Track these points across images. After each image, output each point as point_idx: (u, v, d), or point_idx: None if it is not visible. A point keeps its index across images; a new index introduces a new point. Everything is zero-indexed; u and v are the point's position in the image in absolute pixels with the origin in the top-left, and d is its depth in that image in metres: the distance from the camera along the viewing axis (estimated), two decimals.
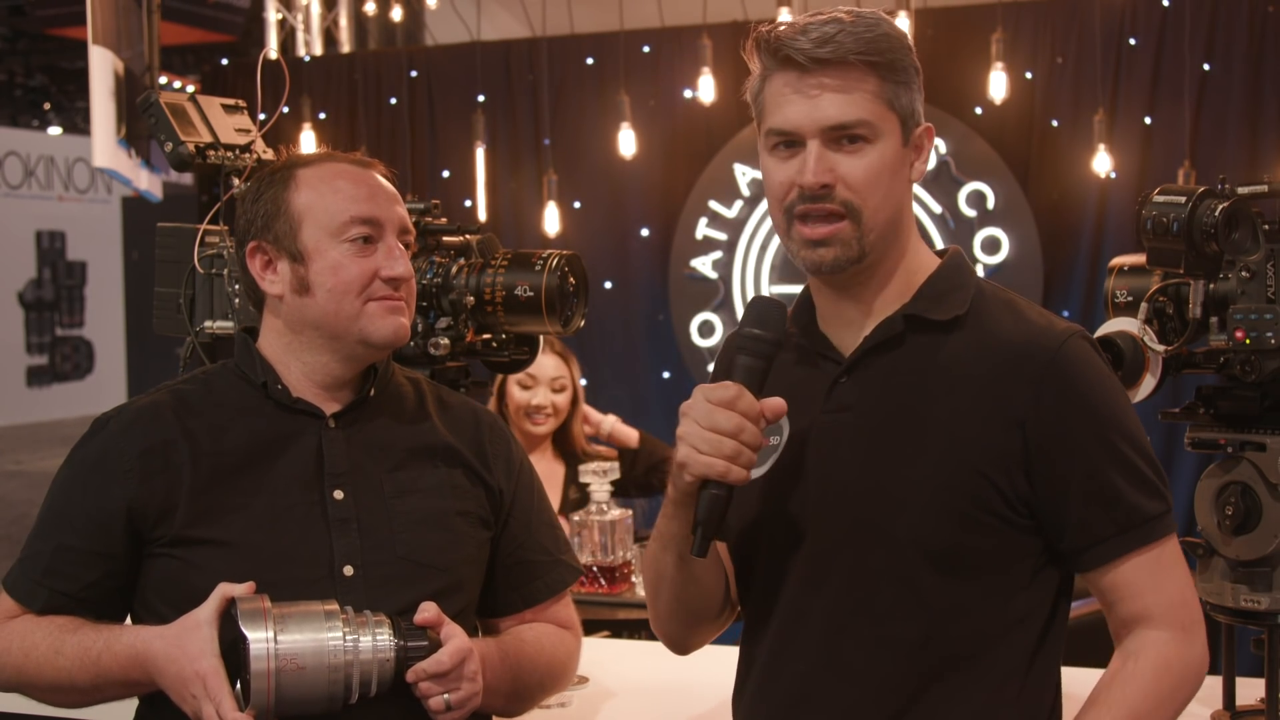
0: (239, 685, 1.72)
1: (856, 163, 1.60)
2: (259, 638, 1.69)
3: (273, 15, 8.07)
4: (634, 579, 3.61)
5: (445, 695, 1.78)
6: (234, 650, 1.71)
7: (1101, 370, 1.66)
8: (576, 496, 3.96)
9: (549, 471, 4.05)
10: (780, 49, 1.62)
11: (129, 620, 1.92)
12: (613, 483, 3.62)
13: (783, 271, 6.38)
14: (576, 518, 3.58)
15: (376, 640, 1.75)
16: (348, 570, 1.85)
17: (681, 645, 1.84)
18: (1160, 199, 2.09)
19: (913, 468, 1.61)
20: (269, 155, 2.51)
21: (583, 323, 2.47)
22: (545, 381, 3.99)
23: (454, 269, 2.45)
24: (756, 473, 1.62)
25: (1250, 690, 2.31)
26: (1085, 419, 1.62)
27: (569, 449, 4.10)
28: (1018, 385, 1.61)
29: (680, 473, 1.59)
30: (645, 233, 6.67)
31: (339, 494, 1.89)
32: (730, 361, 1.61)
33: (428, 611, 1.79)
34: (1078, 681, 1.76)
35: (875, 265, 1.66)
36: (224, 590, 1.76)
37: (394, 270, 1.89)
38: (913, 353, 1.65)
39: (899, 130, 1.63)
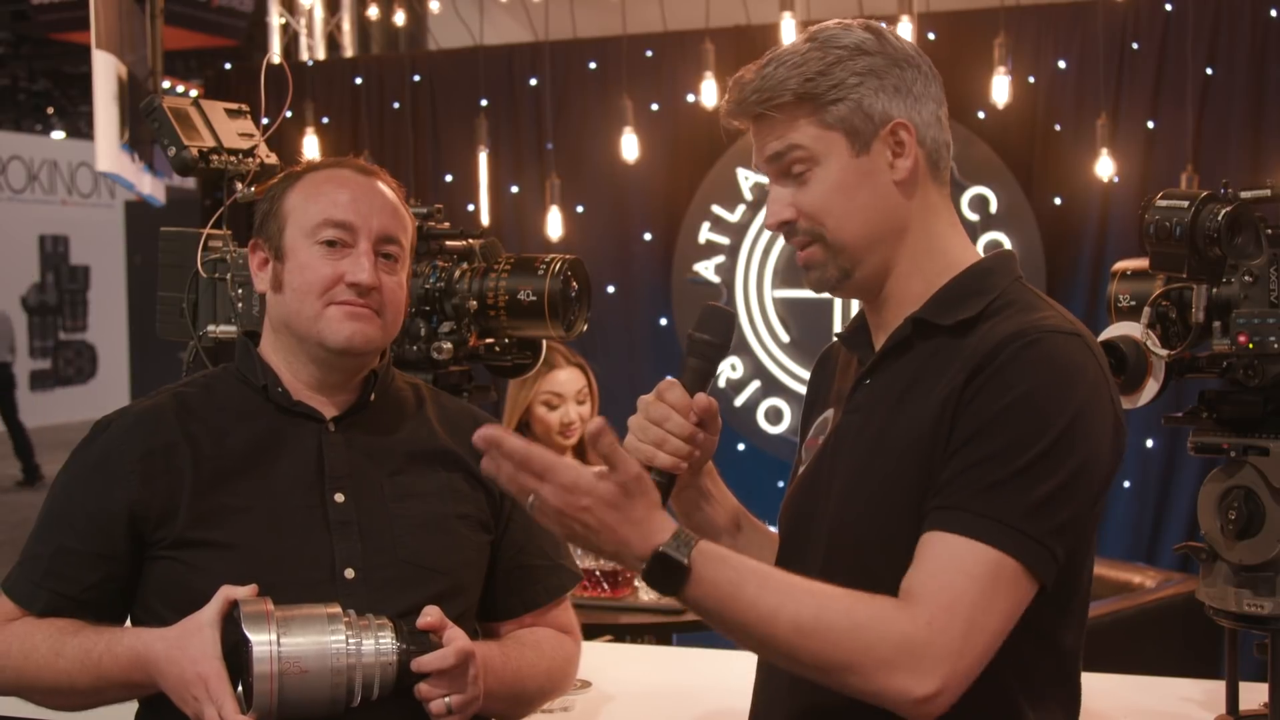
0: (241, 688, 1.72)
1: (806, 192, 1.64)
2: (262, 640, 1.69)
3: (276, 20, 8.09)
4: (636, 583, 3.60)
5: (447, 698, 1.78)
6: (236, 653, 1.71)
7: (1060, 371, 1.52)
8: None
9: None
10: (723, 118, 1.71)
11: (128, 623, 1.92)
12: None
13: (785, 276, 6.38)
14: None
15: (379, 643, 1.75)
16: (349, 573, 1.85)
17: None
18: (1163, 203, 2.09)
19: (881, 471, 1.60)
20: (272, 160, 2.51)
21: (585, 327, 2.47)
22: (570, 396, 4.01)
23: (457, 273, 2.45)
24: (803, 469, 1.75)
25: (1253, 695, 2.31)
26: (995, 397, 1.50)
27: (587, 460, 4.10)
28: (964, 375, 1.54)
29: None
30: (648, 237, 6.68)
31: (339, 497, 1.89)
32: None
33: (430, 615, 1.79)
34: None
35: (877, 274, 1.67)
36: (226, 593, 1.75)
37: (357, 276, 1.88)
38: (918, 357, 1.64)
39: (845, 146, 1.62)
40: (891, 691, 1.44)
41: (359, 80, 7.15)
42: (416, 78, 7.02)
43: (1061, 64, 5.95)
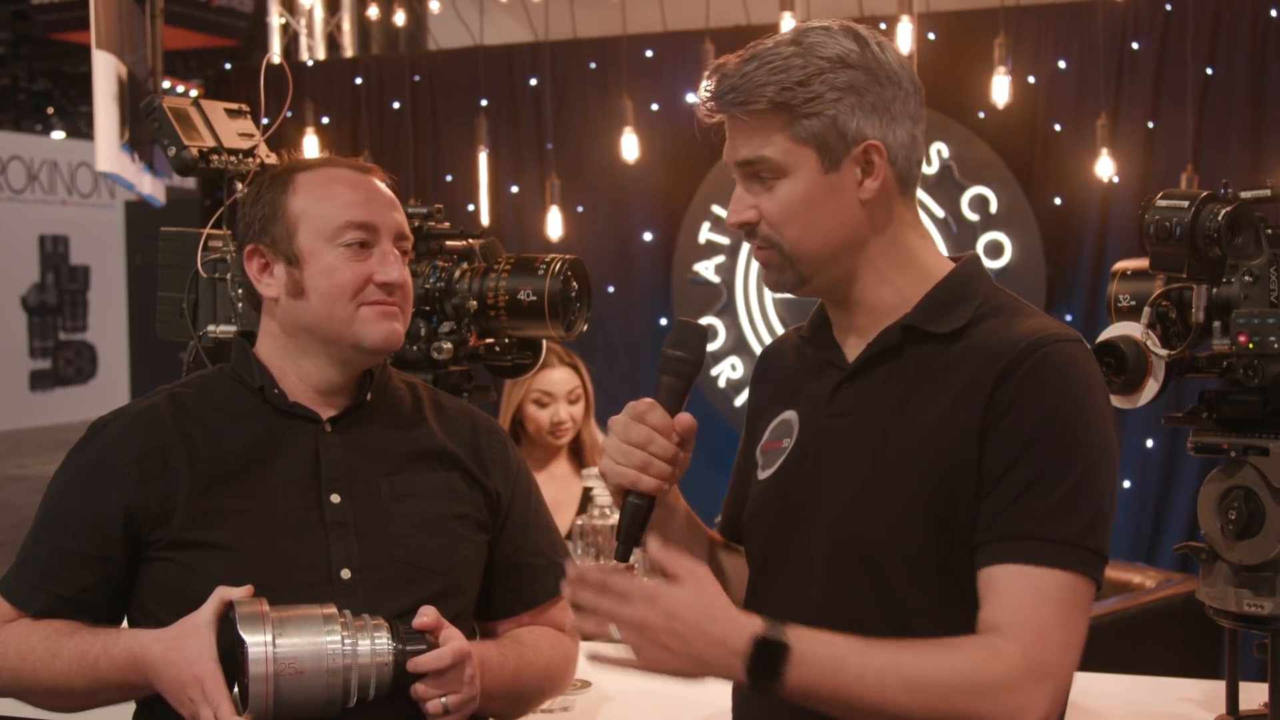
0: (237, 689, 1.72)
1: (770, 199, 1.64)
2: (257, 641, 1.69)
3: (276, 20, 8.08)
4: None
5: (443, 699, 1.78)
6: (232, 654, 1.71)
7: (1079, 382, 1.57)
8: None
9: (567, 486, 4.04)
10: (698, 104, 1.69)
11: (125, 624, 1.92)
12: None
13: None
14: (579, 521, 3.58)
15: (375, 644, 1.75)
16: (345, 574, 1.85)
17: None
18: (1163, 203, 2.09)
19: (891, 475, 1.60)
20: (272, 160, 2.51)
21: (585, 327, 2.47)
22: (562, 396, 3.99)
23: (457, 273, 2.45)
24: (764, 475, 1.72)
25: (1253, 695, 2.31)
26: (1030, 415, 1.54)
27: (584, 459, 4.09)
28: (985, 386, 1.56)
29: (605, 482, 1.66)
30: (648, 237, 6.68)
31: (336, 498, 1.89)
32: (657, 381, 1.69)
33: (427, 616, 1.79)
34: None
35: (836, 282, 1.67)
36: (222, 594, 1.76)
37: (388, 275, 1.89)
38: (910, 362, 1.64)
39: (815, 161, 1.62)
40: None
41: (359, 80, 7.14)
42: (416, 78, 7.02)
43: (1061, 64, 5.95)
